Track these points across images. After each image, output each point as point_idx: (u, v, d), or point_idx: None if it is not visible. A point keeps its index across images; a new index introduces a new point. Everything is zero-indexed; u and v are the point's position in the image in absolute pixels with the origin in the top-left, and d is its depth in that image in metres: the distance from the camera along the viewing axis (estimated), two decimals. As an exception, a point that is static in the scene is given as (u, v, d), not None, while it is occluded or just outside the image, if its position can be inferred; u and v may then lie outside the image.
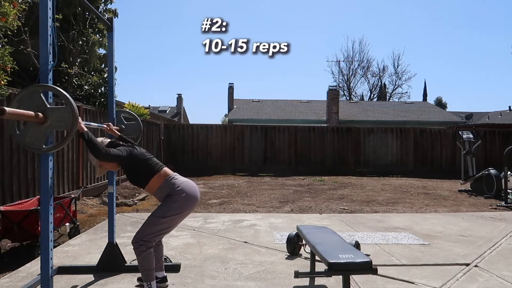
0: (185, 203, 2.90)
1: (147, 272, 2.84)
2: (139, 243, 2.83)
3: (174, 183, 2.92)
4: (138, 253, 2.84)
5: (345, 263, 2.49)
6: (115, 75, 3.81)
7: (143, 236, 2.84)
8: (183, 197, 2.88)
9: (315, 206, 7.47)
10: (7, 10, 4.39)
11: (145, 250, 2.82)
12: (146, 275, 2.84)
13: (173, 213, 2.87)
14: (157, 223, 2.85)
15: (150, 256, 2.84)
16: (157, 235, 2.89)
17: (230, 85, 25.05)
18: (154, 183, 2.93)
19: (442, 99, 44.06)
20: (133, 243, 2.86)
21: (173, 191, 2.89)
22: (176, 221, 2.94)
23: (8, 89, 5.00)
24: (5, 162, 5.22)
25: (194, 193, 2.97)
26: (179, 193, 2.88)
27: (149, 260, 2.84)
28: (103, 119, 8.63)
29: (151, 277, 2.86)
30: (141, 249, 2.82)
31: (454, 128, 13.94)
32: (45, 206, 2.28)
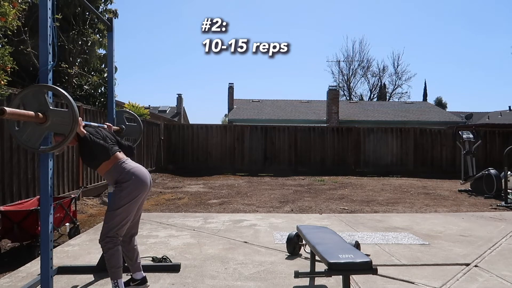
0: (134, 187, 2.88)
1: (114, 269, 2.81)
2: (105, 240, 2.81)
3: (124, 168, 2.92)
4: (105, 251, 2.82)
5: (345, 263, 2.49)
6: (115, 75, 3.81)
7: (106, 232, 2.82)
8: (130, 183, 2.87)
9: (315, 206, 7.47)
10: (6, 10, 4.39)
11: (112, 247, 2.80)
12: (113, 272, 2.82)
13: (125, 201, 2.84)
14: (114, 216, 2.83)
15: (117, 253, 2.82)
16: (119, 228, 2.85)
17: (230, 85, 25.06)
18: (104, 166, 2.93)
19: (442, 99, 44.10)
20: (99, 242, 2.85)
21: (121, 176, 2.89)
22: (132, 208, 2.90)
23: (8, 89, 5.00)
24: (5, 162, 5.22)
25: (143, 176, 2.95)
26: (126, 179, 2.87)
27: (116, 257, 2.81)
28: (103, 119, 8.63)
29: (118, 275, 2.83)
30: (108, 246, 2.80)
31: (454, 128, 13.94)
32: (45, 206, 2.28)
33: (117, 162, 2.94)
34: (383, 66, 53.46)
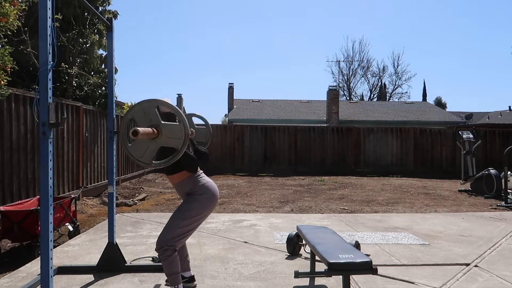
0: (206, 203, 2.87)
1: (174, 275, 2.77)
2: (164, 248, 2.75)
3: (199, 181, 2.90)
4: (163, 258, 2.76)
5: (345, 263, 2.49)
6: (115, 76, 3.81)
7: (166, 240, 2.76)
8: (204, 197, 2.86)
9: (315, 206, 7.47)
10: (7, 11, 4.39)
11: (171, 254, 2.75)
12: (173, 279, 2.78)
13: (194, 213, 2.82)
14: (179, 226, 2.79)
15: (176, 260, 2.77)
16: (181, 238, 2.82)
17: (230, 85, 25.05)
18: (180, 175, 2.89)
19: (441, 99, 44.04)
20: (157, 249, 2.79)
21: (195, 189, 2.86)
22: (198, 222, 2.89)
23: (8, 89, 5.00)
24: (5, 162, 5.23)
25: (215, 193, 2.95)
26: (200, 192, 2.85)
27: (175, 263, 2.77)
28: (103, 119, 8.64)
29: (177, 280, 2.79)
30: (167, 253, 2.74)
31: (454, 128, 13.94)
32: (45, 206, 2.27)
33: (193, 173, 2.91)
34: (383, 66, 53.67)
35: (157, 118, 2.40)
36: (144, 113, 2.41)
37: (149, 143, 2.39)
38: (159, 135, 2.38)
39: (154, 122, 2.39)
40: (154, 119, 2.40)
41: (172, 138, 2.41)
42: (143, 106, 2.42)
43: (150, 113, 2.41)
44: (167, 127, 2.40)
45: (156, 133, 2.36)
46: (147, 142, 2.40)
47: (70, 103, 7.28)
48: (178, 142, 2.40)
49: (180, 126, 2.39)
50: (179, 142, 2.40)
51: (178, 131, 2.39)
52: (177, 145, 2.41)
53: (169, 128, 2.41)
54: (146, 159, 2.43)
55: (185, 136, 2.37)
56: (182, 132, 2.37)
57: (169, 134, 2.39)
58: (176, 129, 2.41)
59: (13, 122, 5.42)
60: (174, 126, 2.42)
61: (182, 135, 2.38)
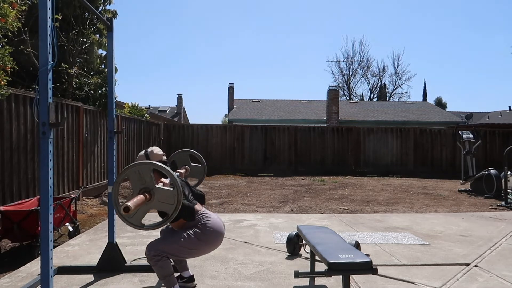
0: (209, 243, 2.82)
1: (168, 278, 2.75)
2: (152, 254, 2.74)
3: (202, 222, 2.83)
4: (153, 264, 2.74)
5: (345, 263, 2.49)
6: (115, 76, 3.81)
7: (157, 249, 2.75)
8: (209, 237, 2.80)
9: (315, 206, 7.47)
10: (6, 12, 4.39)
11: (160, 259, 2.73)
12: (168, 281, 2.75)
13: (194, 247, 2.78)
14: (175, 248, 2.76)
15: (166, 263, 2.75)
16: (175, 255, 2.80)
17: (230, 85, 25.05)
18: (180, 221, 2.83)
19: (442, 99, 44.06)
20: (147, 253, 2.77)
21: (200, 225, 2.81)
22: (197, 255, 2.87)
23: (8, 89, 5.00)
24: (5, 162, 5.22)
25: (221, 231, 2.87)
26: (204, 234, 2.79)
27: (166, 266, 2.75)
28: (103, 120, 8.63)
29: (172, 282, 2.77)
30: (156, 259, 2.73)
31: (454, 128, 13.94)
32: (45, 206, 2.27)
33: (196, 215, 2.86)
34: (383, 66, 53.63)
35: (152, 181, 2.36)
36: (139, 175, 2.37)
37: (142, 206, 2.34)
38: (152, 199, 2.34)
39: (148, 185, 2.35)
40: (149, 182, 2.36)
41: (164, 203, 2.37)
42: (139, 168, 2.38)
43: (145, 176, 2.36)
44: (160, 192, 2.36)
45: (149, 197, 2.32)
46: None
47: (70, 103, 7.28)
48: (170, 207, 2.36)
49: (173, 192, 2.35)
50: (171, 207, 2.36)
51: (171, 196, 2.35)
52: (169, 211, 2.37)
53: (162, 193, 2.36)
54: (136, 221, 2.37)
55: (177, 203, 2.33)
56: (175, 198, 2.34)
57: (161, 199, 2.35)
58: (169, 195, 2.36)
59: (13, 122, 5.42)
60: (168, 192, 2.37)
61: (174, 201, 2.34)
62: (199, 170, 3.86)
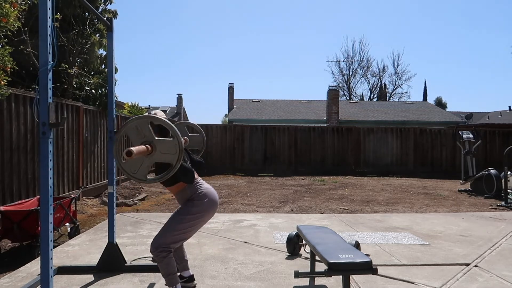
0: (205, 208, 2.87)
1: (171, 276, 2.78)
2: (159, 250, 2.76)
3: (198, 189, 2.89)
4: (159, 260, 2.76)
5: (345, 263, 2.49)
6: (115, 76, 3.81)
7: (162, 243, 2.77)
8: (204, 203, 2.86)
9: (315, 206, 7.47)
10: (8, 12, 4.39)
11: (166, 256, 2.76)
12: (170, 279, 2.78)
13: (192, 218, 2.82)
14: (176, 229, 2.79)
15: (171, 261, 2.78)
16: (177, 241, 2.84)
17: (230, 85, 25.05)
18: (178, 186, 2.88)
19: (442, 99, 44.08)
20: (152, 251, 2.79)
21: (195, 195, 2.86)
22: (195, 227, 2.89)
23: (8, 89, 5.00)
24: (5, 162, 5.23)
25: (215, 199, 2.95)
26: (200, 198, 2.85)
27: (171, 264, 2.78)
28: (103, 120, 8.64)
29: (175, 281, 2.80)
30: (162, 255, 2.75)
31: (454, 128, 13.94)
32: (45, 206, 2.27)
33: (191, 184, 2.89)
34: (383, 66, 53.64)
35: (151, 134, 2.37)
36: (137, 130, 2.38)
37: (143, 159, 2.36)
38: (153, 151, 2.35)
39: (148, 138, 2.36)
40: (148, 136, 2.36)
41: (166, 154, 2.38)
42: (136, 123, 2.38)
43: (144, 130, 2.37)
44: (161, 143, 2.37)
45: (150, 149, 2.33)
46: (141, 158, 2.36)
47: (70, 103, 7.28)
48: (173, 157, 2.37)
49: (174, 141, 2.36)
50: (173, 157, 2.37)
51: (173, 146, 2.36)
52: (172, 161, 2.38)
53: (163, 144, 2.37)
54: (140, 175, 2.39)
55: (179, 152, 2.35)
56: (177, 148, 2.35)
57: (163, 150, 2.36)
58: (170, 145, 2.37)
59: (13, 122, 5.42)
60: (168, 142, 2.38)
61: (176, 151, 2.35)
62: (198, 140, 3.82)
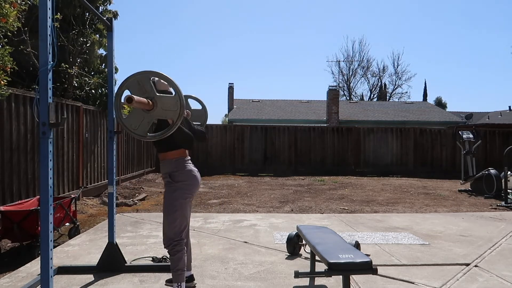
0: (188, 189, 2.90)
1: (180, 272, 2.79)
2: (173, 244, 2.79)
3: (184, 166, 2.91)
4: (173, 253, 2.79)
5: (345, 263, 2.49)
6: (115, 76, 3.81)
7: (172, 237, 2.80)
8: (185, 184, 2.88)
9: (315, 206, 7.47)
10: (7, 12, 4.39)
11: (180, 249, 2.79)
12: (179, 275, 2.79)
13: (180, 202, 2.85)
14: (174, 219, 2.82)
15: (183, 257, 2.81)
16: (183, 229, 2.86)
17: (230, 85, 25.04)
18: (171, 154, 2.89)
19: (441, 99, 44.02)
20: (166, 247, 2.83)
21: (178, 172, 2.88)
22: (186, 206, 2.92)
23: (8, 89, 5.00)
24: (5, 162, 5.22)
25: (196, 178, 2.99)
26: (182, 178, 2.87)
27: (183, 260, 2.81)
28: (103, 120, 8.64)
29: (182, 278, 2.80)
30: (177, 249, 2.78)
31: (454, 128, 13.94)
32: (45, 206, 2.27)
33: (182, 157, 2.93)
34: (383, 66, 53.59)
35: (153, 90, 2.35)
36: (139, 85, 2.35)
37: (144, 115, 2.34)
38: (154, 107, 2.33)
39: (149, 94, 2.34)
40: (149, 91, 2.34)
41: (167, 110, 2.36)
42: (138, 78, 2.36)
43: (146, 85, 2.35)
44: (163, 99, 2.35)
45: (151, 105, 2.31)
46: (142, 114, 2.35)
47: (70, 103, 7.28)
48: (174, 114, 2.35)
49: (175, 97, 2.35)
50: (174, 114, 2.35)
51: (174, 103, 2.34)
52: (173, 117, 2.36)
53: (164, 100, 2.36)
54: (141, 131, 2.38)
55: (180, 108, 2.32)
56: (178, 104, 2.32)
57: (164, 106, 2.34)
58: (171, 101, 2.36)
59: (13, 122, 5.42)
60: (170, 98, 2.37)
61: (177, 107, 2.33)
62: (200, 113, 3.80)
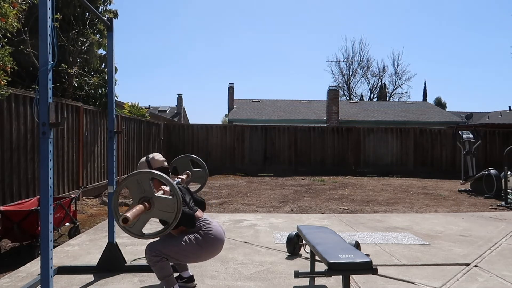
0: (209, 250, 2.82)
1: (167, 278, 2.75)
2: (152, 254, 2.74)
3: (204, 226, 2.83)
4: (152, 264, 2.75)
5: (345, 263, 2.49)
6: (115, 76, 3.81)
7: (158, 249, 2.75)
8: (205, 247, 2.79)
9: (315, 206, 7.47)
10: (7, 11, 4.39)
11: (159, 260, 2.74)
12: (167, 281, 2.76)
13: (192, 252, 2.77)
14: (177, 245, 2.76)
15: (165, 265, 2.75)
16: (172, 257, 2.78)
17: (230, 85, 25.06)
18: (181, 228, 2.83)
19: (441, 99, 44.02)
20: (146, 253, 2.79)
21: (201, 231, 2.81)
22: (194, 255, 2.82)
23: (8, 89, 5.00)
24: (5, 162, 5.22)
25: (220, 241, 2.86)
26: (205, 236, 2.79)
27: (166, 267, 2.75)
28: (103, 120, 8.64)
29: (172, 282, 2.77)
30: (155, 259, 2.74)
31: (454, 128, 13.94)
32: (45, 206, 2.27)
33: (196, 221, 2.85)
34: (383, 66, 53.63)
35: (151, 190, 2.35)
36: (138, 184, 2.36)
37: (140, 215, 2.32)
38: (151, 207, 2.32)
39: (148, 194, 2.34)
40: (148, 191, 2.35)
41: (164, 212, 2.36)
42: (138, 177, 2.37)
43: (144, 184, 2.35)
44: (160, 200, 2.35)
45: (148, 206, 2.30)
46: None
47: (70, 103, 7.28)
48: (170, 216, 2.35)
49: (173, 200, 2.34)
50: (171, 216, 2.35)
51: (171, 205, 2.34)
52: (169, 219, 2.36)
53: (162, 201, 2.35)
54: (136, 230, 2.35)
55: (177, 211, 2.32)
56: (175, 207, 2.32)
57: (161, 208, 2.34)
58: (169, 203, 2.35)
59: (13, 122, 5.42)
60: (167, 200, 2.36)
61: (174, 209, 2.33)
62: (201, 175, 3.86)
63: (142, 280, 3.37)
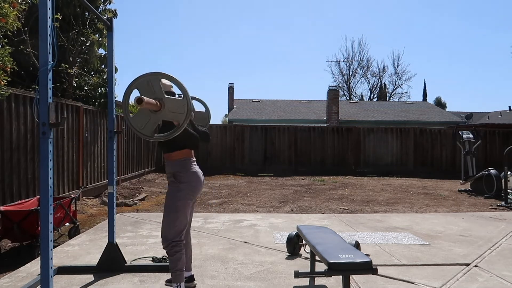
0: (191, 190, 2.90)
1: (179, 272, 2.79)
2: (172, 244, 2.78)
3: (189, 167, 2.91)
4: (171, 254, 2.79)
5: (345, 263, 2.49)
6: (115, 75, 3.81)
7: (172, 237, 2.80)
8: (189, 185, 2.88)
9: (315, 206, 7.47)
10: (7, 12, 4.39)
11: (179, 250, 2.79)
12: (178, 275, 2.79)
13: (183, 203, 2.84)
14: (174, 219, 2.82)
15: (182, 257, 2.81)
16: (182, 229, 2.85)
17: (230, 85, 25.04)
18: (177, 154, 2.89)
19: (441, 99, 44.02)
20: (164, 247, 2.82)
21: (181, 173, 2.87)
22: (188, 208, 2.91)
23: (8, 89, 5.00)
24: (5, 162, 5.22)
25: (200, 180, 2.99)
26: (185, 180, 2.87)
27: (182, 260, 2.81)
28: (103, 120, 8.64)
29: (181, 278, 2.80)
30: (175, 249, 2.78)
31: (454, 128, 13.94)
32: (45, 206, 2.27)
33: (188, 157, 2.93)
34: (383, 66, 53.56)
35: (161, 91, 2.38)
36: (148, 85, 2.39)
37: (151, 115, 2.37)
38: (162, 108, 2.36)
39: (158, 95, 2.37)
40: (158, 92, 2.38)
41: (174, 113, 2.38)
42: (148, 78, 2.39)
43: (154, 86, 2.38)
44: (171, 101, 2.39)
45: (159, 106, 2.34)
46: (148, 114, 2.37)
47: (70, 103, 7.28)
48: (181, 116, 2.37)
49: (183, 101, 2.38)
50: (181, 117, 2.37)
51: (181, 106, 2.37)
52: (179, 120, 2.39)
53: (172, 102, 2.39)
54: (147, 131, 2.41)
55: (187, 111, 2.35)
56: (185, 107, 2.35)
57: (172, 109, 2.37)
58: (179, 104, 2.38)
59: (13, 122, 5.42)
60: (178, 101, 2.40)
61: (184, 110, 2.35)
62: (204, 115, 3.81)
63: (142, 280, 3.37)
